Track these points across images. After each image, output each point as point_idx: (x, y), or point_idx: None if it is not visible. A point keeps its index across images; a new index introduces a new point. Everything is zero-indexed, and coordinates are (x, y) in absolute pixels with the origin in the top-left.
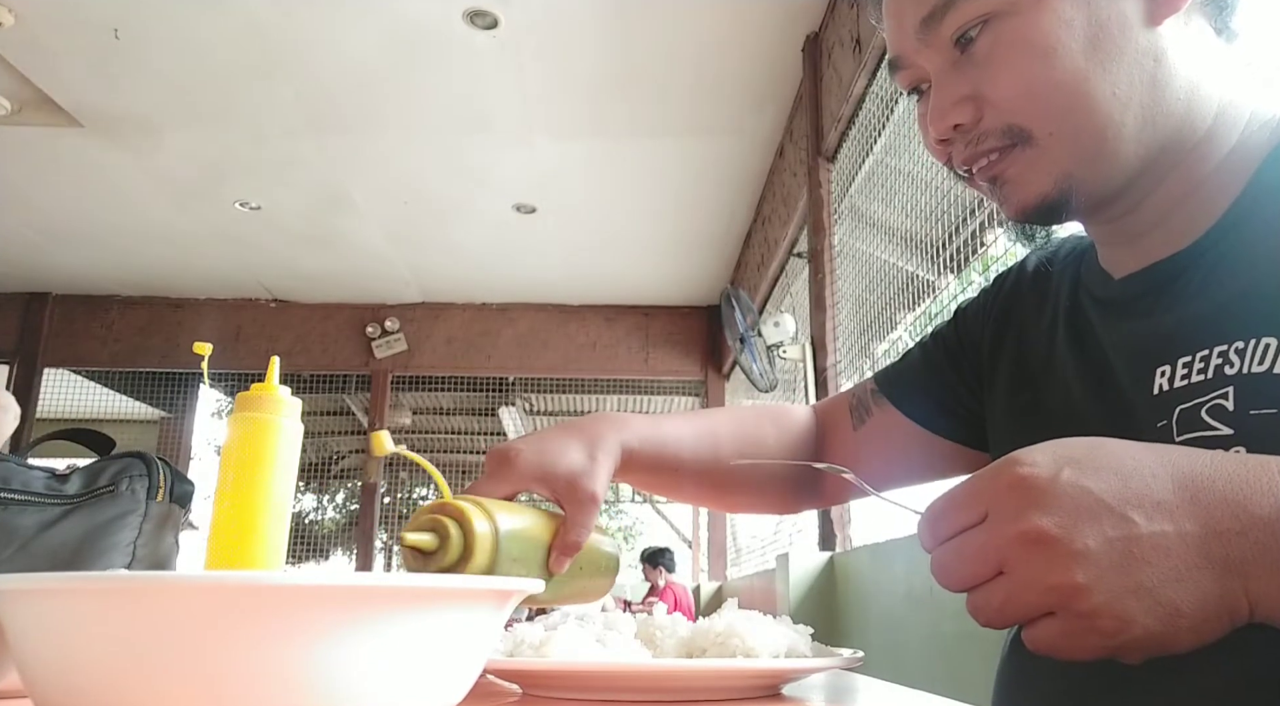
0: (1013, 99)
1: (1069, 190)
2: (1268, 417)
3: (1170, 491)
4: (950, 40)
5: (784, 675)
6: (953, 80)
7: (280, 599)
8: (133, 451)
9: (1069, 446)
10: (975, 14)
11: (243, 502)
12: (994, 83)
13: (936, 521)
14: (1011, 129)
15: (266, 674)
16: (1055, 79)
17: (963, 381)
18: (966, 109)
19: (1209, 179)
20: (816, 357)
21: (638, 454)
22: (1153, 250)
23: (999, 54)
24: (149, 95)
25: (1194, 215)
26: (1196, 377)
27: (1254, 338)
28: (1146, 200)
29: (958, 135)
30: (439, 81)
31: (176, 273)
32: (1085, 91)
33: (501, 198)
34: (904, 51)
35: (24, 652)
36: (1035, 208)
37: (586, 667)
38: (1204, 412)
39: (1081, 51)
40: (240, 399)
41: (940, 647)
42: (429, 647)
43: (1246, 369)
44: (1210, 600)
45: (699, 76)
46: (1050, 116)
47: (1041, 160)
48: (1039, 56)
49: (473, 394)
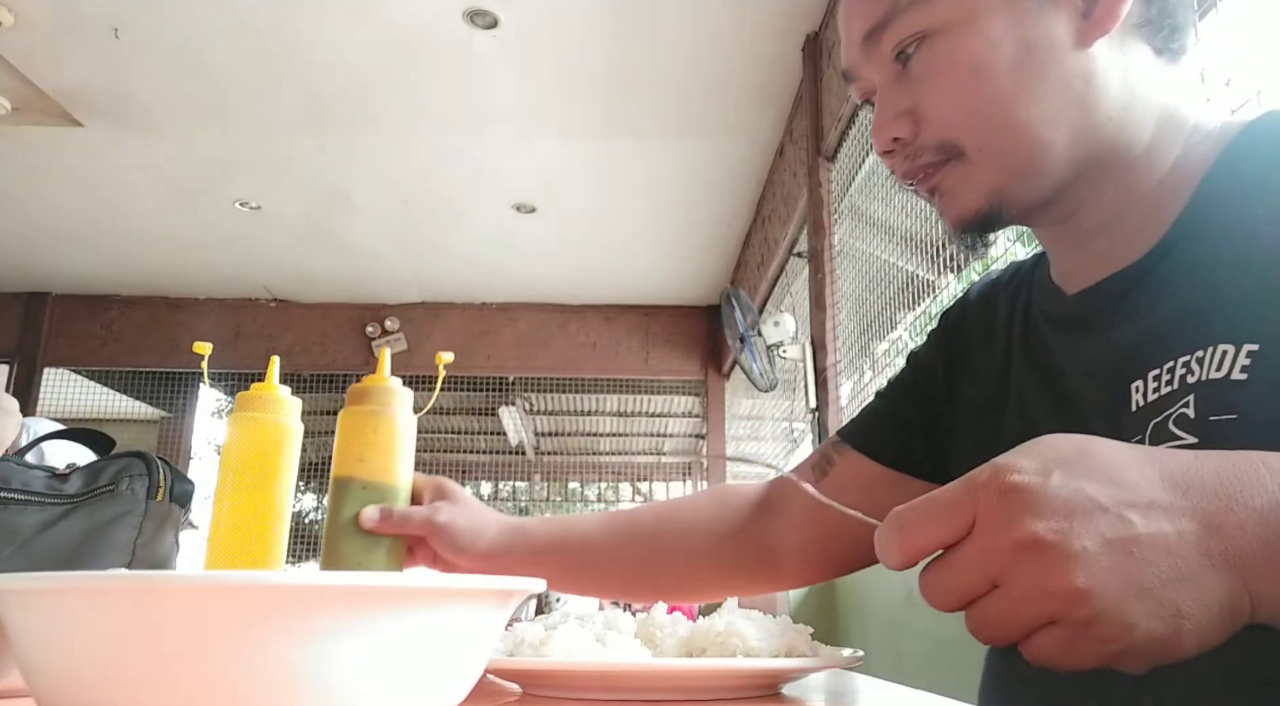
0: (945, 116)
1: (1000, 204)
2: (1227, 423)
3: (1163, 490)
4: (891, 55)
5: (784, 675)
6: (893, 95)
7: (280, 599)
8: (133, 451)
9: (1056, 449)
10: (910, 31)
11: (243, 502)
12: (928, 100)
13: (908, 534)
14: (945, 145)
15: (266, 674)
16: (983, 98)
17: (923, 417)
18: (905, 123)
19: (1154, 191)
20: (816, 357)
21: (530, 529)
22: (1104, 261)
23: (933, 72)
24: (149, 95)
25: (1142, 226)
26: (1165, 389)
27: (1212, 345)
28: (1085, 207)
29: (898, 148)
30: (439, 81)
31: (176, 273)
32: (1011, 111)
33: (501, 198)
34: (851, 64)
35: (25, 651)
36: (970, 220)
37: (586, 667)
38: (1171, 423)
39: (1008, 72)
40: (240, 399)
41: (940, 647)
42: (430, 647)
43: (1205, 376)
44: (1212, 600)
45: (699, 76)
46: (979, 134)
47: (973, 175)
48: (968, 76)
49: (473, 393)
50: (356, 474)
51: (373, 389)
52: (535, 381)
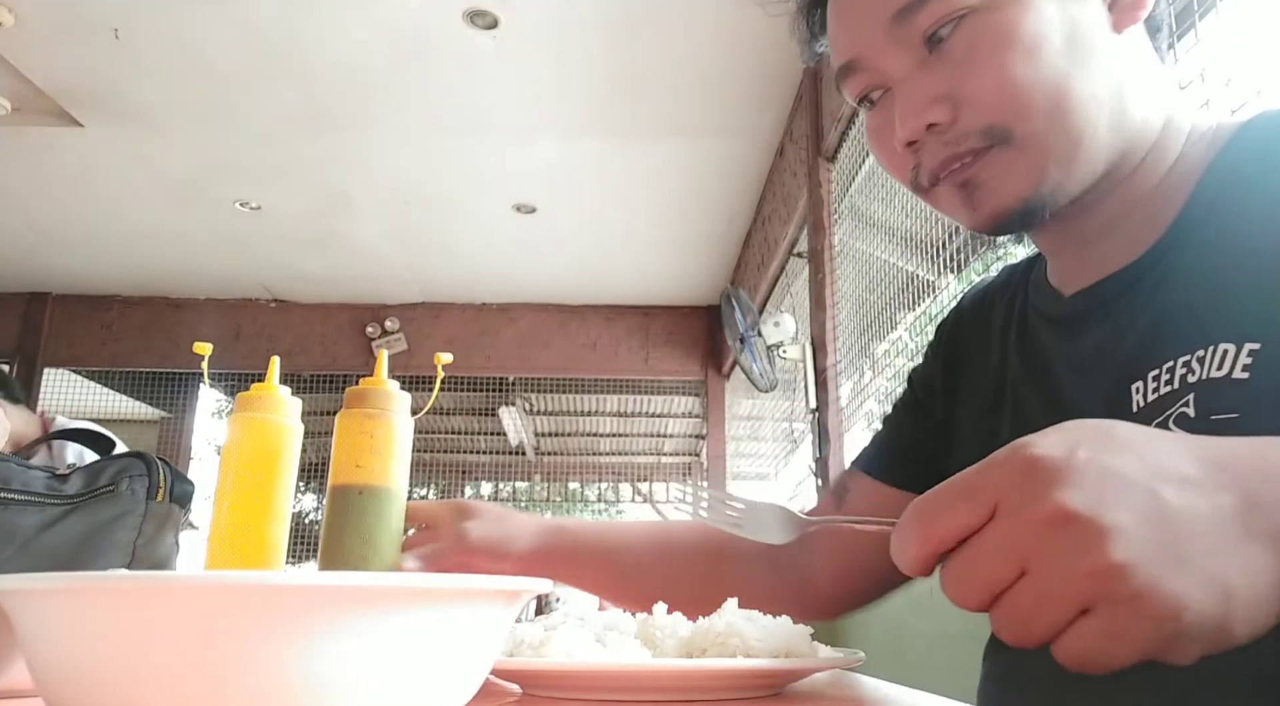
0: (995, 96)
1: (1046, 193)
2: (1228, 422)
3: (1195, 466)
4: (922, 38)
5: (784, 675)
6: (923, 81)
7: (281, 599)
8: (133, 451)
9: (1077, 428)
10: (954, 8)
11: (243, 502)
12: (974, 80)
13: (925, 524)
14: (992, 129)
15: (267, 674)
16: (1038, 76)
17: (929, 436)
18: (943, 108)
19: (1155, 191)
20: (816, 357)
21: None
22: (1102, 262)
23: (980, 50)
24: (149, 95)
25: (1142, 227)
26: (1165, 389)
27: (1212, 345)
28: (1099, 205)
29: (931, 136)
30: (439, 81)
31: (176, 273)
32: (1067, 90)
33: (501, 198)
34: (864, 53)
35: (31, 650)
36: (1011, 211)
37: (586, 667)
38: (1171, 424)
39: (1062, 50)
40: (240, 399)
41: (941, 647)
42: (433, 648)
43: (1206, 375)
44: (1260, 576)
45: (699, 76)
46: (1033, 115)
47: (1020, 161)
48: (1022, 52)
49: (473, 394)
50: (354, 479)
51: (370, 392)
52: (535, 382)
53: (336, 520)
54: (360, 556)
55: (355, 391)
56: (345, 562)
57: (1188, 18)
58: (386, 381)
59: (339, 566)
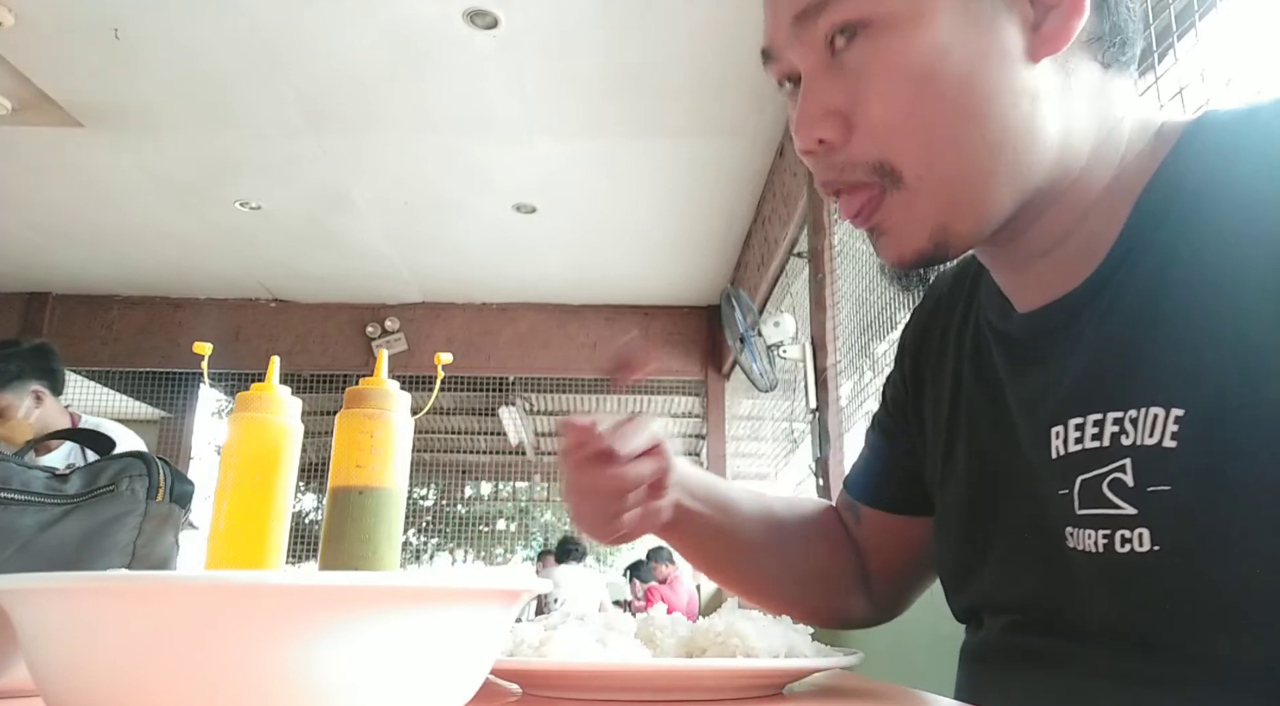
0: (882, 130)
1: (944, 242)
2: (1164, 495)
3: None
4: (824, 39)
5: (784, 675)
6: (823, 88)
7: (281, 599)
8: (133, 451)
9: None
10: (851, 16)
11: (243, 502)
12: (864, 105)
13: None
14: (881, 167)
15: (267, 674)
16: (927, 114)
17: (906, 455)
18: (835, 125)
19: (1093, 209)
20: (816, 357)
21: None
22: (1046, 283)
23: (872, 72)
24: (149, 95)
25: (1084, 247)
26: (1091, 443)
27: (1144, 407)
28: (1025, 233)
29: (823, 151)
30: (439, 81)
31: (176, 273)
32: (954, 136)
33: (501, 198)
34: (775, 43)
35: (31, 650)
36: (910, 260)
37: (586, 667)
38: (1105, 487)
39: (957, 86)
40: (240, 399)
41: (940, 647)
42: (432, 648)
43: (1140, 441)
44: None
45: (699, 76)
46: (920, 157)
47: (914, 207)
48: (914, 85)
49: (473, 394)
50: (354, 480)
51: (370, 392)
52: (535, 381)
53: (336, 520)
54: (360, 556)
55: (355, 391)
56: (345, 562)
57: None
58: (386, 381)
59: (339, 566)
